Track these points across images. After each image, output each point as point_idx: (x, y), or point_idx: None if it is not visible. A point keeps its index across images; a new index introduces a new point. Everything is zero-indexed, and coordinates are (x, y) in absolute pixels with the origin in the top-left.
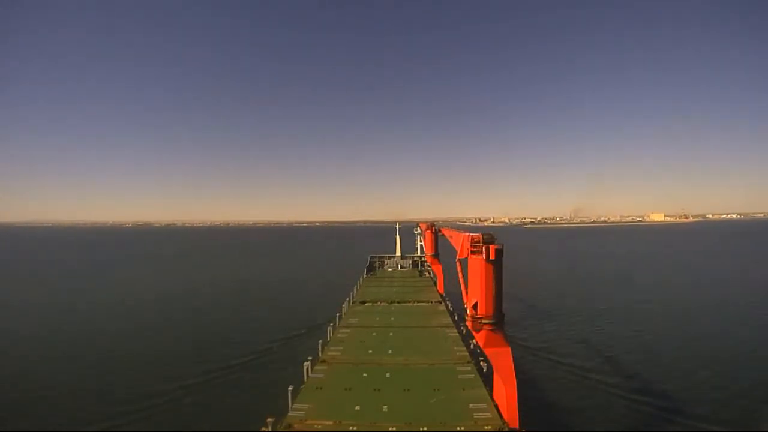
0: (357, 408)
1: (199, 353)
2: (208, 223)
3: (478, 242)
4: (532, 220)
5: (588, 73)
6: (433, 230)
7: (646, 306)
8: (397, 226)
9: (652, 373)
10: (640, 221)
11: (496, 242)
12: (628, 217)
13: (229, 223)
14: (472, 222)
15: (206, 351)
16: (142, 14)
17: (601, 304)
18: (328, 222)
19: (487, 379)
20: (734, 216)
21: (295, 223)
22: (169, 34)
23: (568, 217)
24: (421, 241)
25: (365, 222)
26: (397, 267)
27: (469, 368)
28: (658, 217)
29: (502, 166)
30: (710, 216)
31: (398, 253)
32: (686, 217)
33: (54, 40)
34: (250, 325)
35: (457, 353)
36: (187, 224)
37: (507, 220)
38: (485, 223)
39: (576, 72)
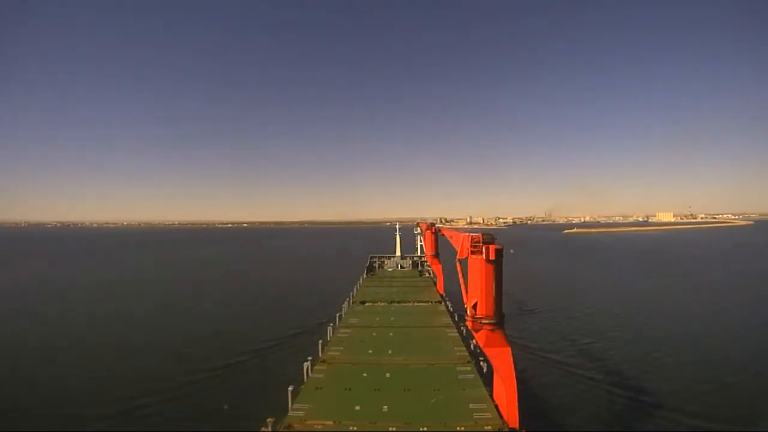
0: (357, 408)
1: (198, 353)
2: (137, 224)
3: (479, 242)
4: (505, 220)
5: (563, 72)
6: (433, 230)
7: None
8: (397, 226)
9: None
10: (645, 221)
11: (496, 242)
12: (616, 217)
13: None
14: (437, 222)
15: (204, 351)
16: (143, 15)
17: None
18: (262, 222)
19: (487, 379)
20: (730, 216)
21: (220, 223)
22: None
23: (546, 216)
24: (421, 241)
25: (303, 223)
26: (397, 267)
27: (469, 368)
28: (666, 217)
29: (469, 166)
30: (702, 216)
31: (398, 253)
32: (694, 217)
33: (54, 38)
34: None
35: (457, 353)
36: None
37: (482, 221)
38: (458, 224)
39: (553, 71)
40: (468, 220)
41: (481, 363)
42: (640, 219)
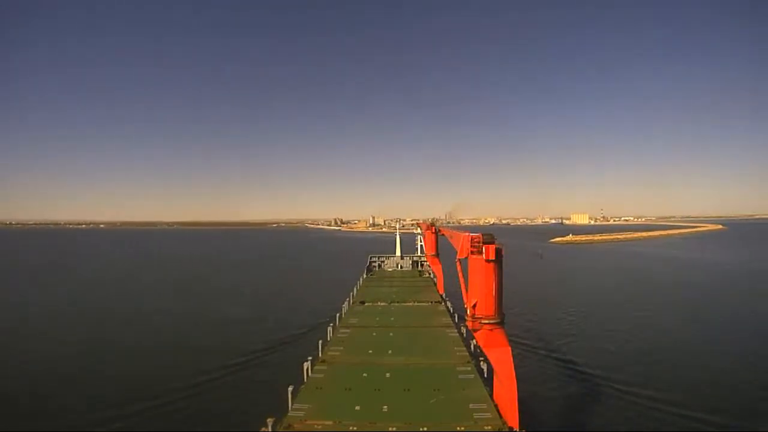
0: (357, 408)
1: (198, 354)
2: None
3: (479, 242)
4: (405, 221)
5: (461, 70)
6: (434, 230)
7: None
8: (397, 226)
9: (656, 375)
10: (559, 224)
11: (496, 242)
12: (520, 219)
13: None
14: (329, 223)
15: (204, 351)
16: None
17: None
18: (124, 223)
19: (487, 379)
20: (631, 218)
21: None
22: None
23: (448, 218)
24: (421, 241)
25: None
26: (397, 267)
27: (469, 368)
28: (581, 220)
29: (368, 165)
30: (614, 219)
31: (398, 253)
32: (606, 220)
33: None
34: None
35: (457, 353)
36: None
37: (383, 222)
38: (358, 226)
39: (449, 67)
40: (370, 221)
41: (481, 363)
42: (552, 221)
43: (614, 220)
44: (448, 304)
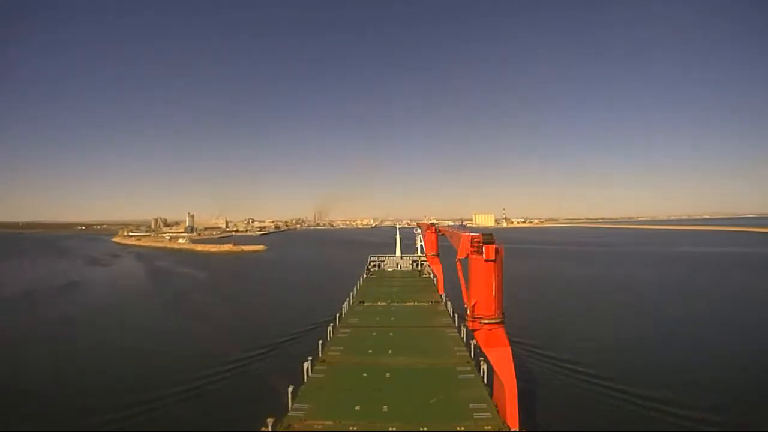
0: (357, 408)
1: (198, 354)
2: None
3: (479, 242)
4: (263, 223)
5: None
6: (434, 230)
7: None
8: (397, 226)
9: (654, 375)
10: (461, 225)
11: (496, 242)
12: (404, 220)
13: None
14: (148, 227)
15: (204, 352)
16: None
17: None
18: None
19: (487, 379)
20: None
21: None
22: None
23: (317, 219)
24: (421, 241)
25: None
26: (397, 267)
27: (469, 368)
28: (486, 221)
29: (200, 156)
30: (518, 221)
31: (398, 253)
32: (510, 222)
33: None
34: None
35: (457, 353)
36: None
37: (224, 225)
38: (180, 228)
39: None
40: (188, 224)
41: (481, 363)
42: (452, 223)
43: (518, 222)
44: (448, 304)
